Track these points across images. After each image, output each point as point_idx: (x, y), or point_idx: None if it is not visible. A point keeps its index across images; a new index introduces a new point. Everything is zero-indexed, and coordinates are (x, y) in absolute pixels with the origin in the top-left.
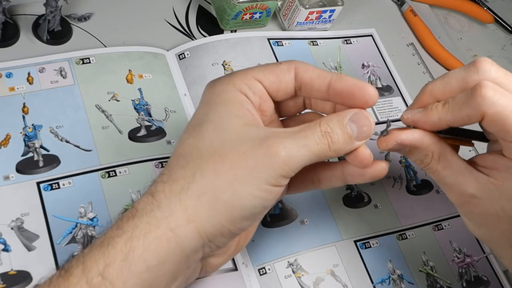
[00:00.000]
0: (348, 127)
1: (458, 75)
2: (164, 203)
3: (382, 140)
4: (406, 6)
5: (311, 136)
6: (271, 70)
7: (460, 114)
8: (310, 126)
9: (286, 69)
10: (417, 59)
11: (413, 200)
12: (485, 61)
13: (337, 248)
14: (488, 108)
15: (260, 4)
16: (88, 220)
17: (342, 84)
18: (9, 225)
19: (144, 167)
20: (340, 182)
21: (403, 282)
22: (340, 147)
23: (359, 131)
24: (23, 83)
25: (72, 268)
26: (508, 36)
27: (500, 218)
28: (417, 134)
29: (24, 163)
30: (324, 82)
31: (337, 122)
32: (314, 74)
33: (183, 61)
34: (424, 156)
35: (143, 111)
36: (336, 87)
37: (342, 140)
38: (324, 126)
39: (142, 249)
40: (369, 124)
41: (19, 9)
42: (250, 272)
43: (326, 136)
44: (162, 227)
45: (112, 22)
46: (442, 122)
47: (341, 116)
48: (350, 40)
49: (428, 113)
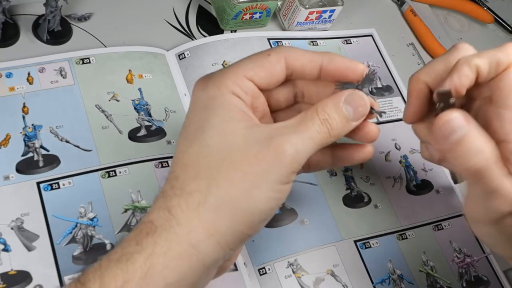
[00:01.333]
0: (344, 109)
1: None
2: (183, 219)
3: None
4: (406, 6)
5: (312, 126)
6: (261, 65)
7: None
8: (309, 116)
9: (276, 60)
10: (417, 59)
11: (413, 200)
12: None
13: (337, 248)
14: None
15: (260, 4)
16: (88, 220)
17: (333, 66)
18: (9, 225)
19: (144, 167)
20: (328, 166)
21: (403, 282)
22: (339, 132)
23: (355, 111)
24: (23, 83)
25: (89, 282)
26: (508, 36)
27: None
28: None
29: (24, 163)
30: (316, 66)
31: (333, 106)
32: (305, 61)
33: (183, 61)
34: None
35: (143, 111)
36: (327, 70)
37: (340, 124)
38: (321, 114)
39: (162, 267)
40: (364, 104)
41: (19, 9)
42: (250, 272)
43: (325, 123)
44: (183, 244)
45: (112, 22)
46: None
47: (336, 99)
48: (350, 40)
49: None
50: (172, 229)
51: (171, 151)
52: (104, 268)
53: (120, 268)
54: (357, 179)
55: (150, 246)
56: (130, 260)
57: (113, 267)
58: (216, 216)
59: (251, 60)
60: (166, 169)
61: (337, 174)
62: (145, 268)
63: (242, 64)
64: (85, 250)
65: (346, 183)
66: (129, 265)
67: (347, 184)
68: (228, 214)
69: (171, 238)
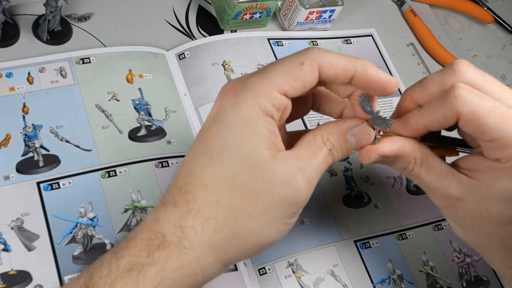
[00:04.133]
0: (348, 141)
1: (436, 78)
2: (195, 242)
3: (363, 154)
4: (406, 6)
5: (321, 155)
6: (295, 76)
7: (436, 116)
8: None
9: (310, 70)
10: (417, 59)
11: (413, 200)
12: (462, 63)
13: (337, 248)
14: (462, 108)
15: (260, 4)
16: (88, 220)
17: (366, 78)
18: (9, 225)
19: (144, 167)
20: None
21: (403, 282)
22: (339, 159)
23: (358, 143)
24: (23, 83)
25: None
26: (508, 36)
27: (485, 220)
28: (397, 144)
29: (24, 163)
30: (349, 75)
31: (338, 136)
32: (339, 70)
33: (183, 61)
34: (407, 164)
35: (143, 111)
36: (359, 80)
37: (341, 154)
38: (328, 144)
39: (172, 282)
40: (368, 138)
41: (19, 9)
42: (250, 272)
43: (330, 153)
44: (193, 265)
45: (112, 22)
46: (419, 126)
47: (342, 129)
48: (350, 40)
49: (405, 119)
50: (185, 250)
51: (171, 151)
52: (114, 276)
53: (131, 279)
54: (357, 179)
55: (161, 260)
56: (142, 272)
57: (124, 276)
58: (228, 244)
59: (283, 71)
60: (166, 169)
61: (337, 174)
62: (155, 282)
63: (275, 75)
64: (85, 250)
65: (346, 183)
66: (140, 277)
67: (347, 184)
68: (240, 244)
69: (182, 257)
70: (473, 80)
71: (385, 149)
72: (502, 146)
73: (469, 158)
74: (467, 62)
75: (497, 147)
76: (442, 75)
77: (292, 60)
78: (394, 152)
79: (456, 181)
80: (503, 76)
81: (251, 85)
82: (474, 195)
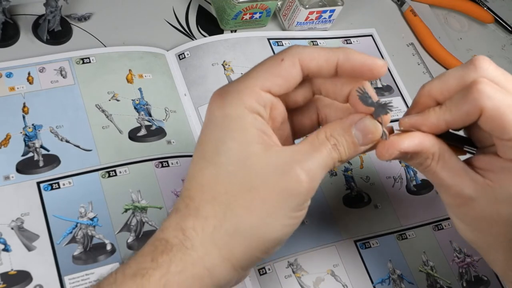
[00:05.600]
0: (354, 135)
1: (456, 73)
2: (197, 243)
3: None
4: (406, 6)
5: (324, 151)
6: (277, 73)
7: (459, 112)
8: (321, 141)
9: (291, 65)
10: (417, 59)
11: (413, 200)
12: (483, 59)
13: (337, 248)
14: (486, 103)
15: (260, 4)
16: (88, 220)
17: (350, 64)
18: (9, 225)
19: (144, 167)
20: None
21: (403, 282)
22: (346, 157)
23: (364, 138)
24: (23, 83)
25: None
26: (508, 36)
27: (494, 221)
28: (417, 139)
29: (24, 163)
30: (332, 64)
31: (342, 131)
32: (320, 60)
33: (183, 61)
34: (424, 159)
35: (143, 111)
36: (344, 67)
37: (347, 150)
38: (331, 139)
39: (177, 286)
40: (374, 130)
41: (19, 9)
42: (250, 272)
43: (335, 148)
44: (197, 266)
45: (112, 22)
46: (441, 122)
47: (345, 124)
48: (350, 40)
49: (426, 115)
50: (188, 251)
51: (171, 151)
52: (119, 282)
53: (135, 283)
54: (357, 179)
55: (165, 264)
56: (146, 277)
57: (128, 281)
58: (231, 242)
59: (265, 69)
60: (166, 169)
61: (337, 174)
62: (160, 285)
63: (257, 75)
64: (85, 250)
65: (346, 183)
66: (145, 281)
67: (347, 184)
68: (243, 240)
69: (186, 258)
70: (494, 77)
71: (406, 145)
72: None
73: (482, 157)
74: (488, 59)
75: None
76: (463, 71)
77: (273, 58)
78: (414, 148)
79: (470, 180)
80: None
81: (235, 86)
82: (486, 195)
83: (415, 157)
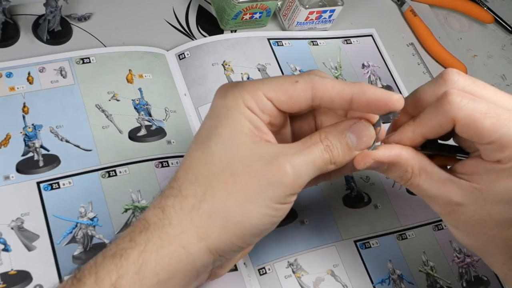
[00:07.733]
0: (348, 139)
1: (427, 89)
2: (175, 220)
3: (359, 159)
4: (406, 6)
5: (315, 151)
6: (285, 90)
7: (431, 123)
8: (313, 140)
9: (302, 89)
10: (417, 59)
11: (413, 200)
12: (452, 71)
13: (337, 248)
14: (457, 113)
15: (260, 4)
16: (88, 220)
17: (365, 99)
18: (9, 225)
19: (144, 167)
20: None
21: (403, 282)
22: (340, 160)
23: (359, 141)
24: (23, 83)
25: (85, 278)
26: (508, 36)
27: (487, 223)
28: (394, 150)
29: (24, 163)
30: (346, 99)
31: (337, 134)
32: (334, 93)
33: (183, 61)
34: (403, 172)
35: (143, 110)
36: (359, 102)
37: (341, 153)
38: (325, 141)
39: (155, 264)
40: (368, 134)
41: (19, 9)
42: (250, 272)
43: (328, 150)
44: (174, 244)
45: (112, 22)
46: (416, 135)
47: (340, 128)
48: (350, 40)
49: (402, 129)
50: (165, 229)
51: (171, 151)
52: (99, 264)
53: (114, 264)
54: (357, 179)
55: (143, 242)
56: (124, 256)
57: (107, 262)
58: (208, 223)
59: (275, 81)
60: (166, 169)
61: None
62: (138, 264)
63: (266, 82)
64: (85, 250)
65: (346, 183)
66: (123, 261)
67: (347, 184)
68: (220, 223)
69: (163, 236)
70: (465, 88)
71: (381, 154)
72: (502, 147)
73: (466, 162)
74: (456, 71)
75: (496, 148)
76: (434, 86)
77: (289, 76)
78: (390, 158)
79: (456, 187)
80: (503, 76)
81: (241, 84)
82: (474, 199)
83: (393, 169)
